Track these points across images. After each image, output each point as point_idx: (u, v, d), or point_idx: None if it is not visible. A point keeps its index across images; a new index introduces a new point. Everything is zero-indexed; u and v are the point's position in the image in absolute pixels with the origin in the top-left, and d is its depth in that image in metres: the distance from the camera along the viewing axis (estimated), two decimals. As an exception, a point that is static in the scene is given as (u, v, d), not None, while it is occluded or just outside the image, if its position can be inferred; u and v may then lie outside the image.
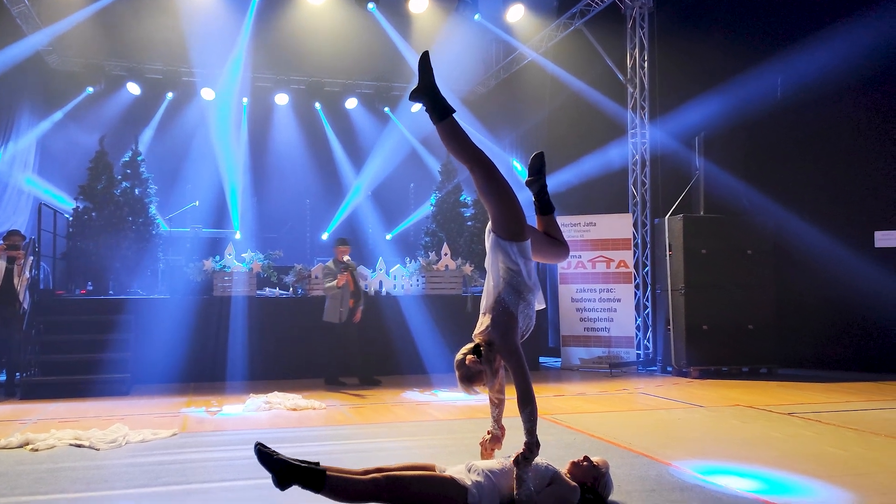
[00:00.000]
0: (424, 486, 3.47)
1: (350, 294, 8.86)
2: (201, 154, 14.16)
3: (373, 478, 3.45)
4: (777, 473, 4.44)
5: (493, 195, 3.78)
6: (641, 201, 11.07)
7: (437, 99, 3.73)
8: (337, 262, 9.00)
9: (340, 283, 8.74)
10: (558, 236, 4.11)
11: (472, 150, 3.78)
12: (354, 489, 3.42)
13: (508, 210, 3.77)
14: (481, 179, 3.78)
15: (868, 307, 9.96)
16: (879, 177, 10.09)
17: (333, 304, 8.78)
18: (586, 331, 10.82)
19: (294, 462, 3.38)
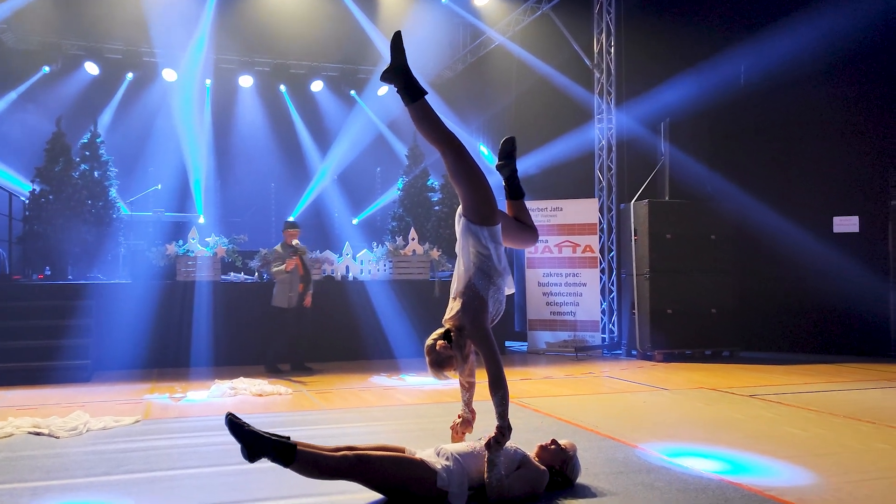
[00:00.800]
0: (394, 467, 3.45)
1: (299, 279, 8.71)
2: (163, 136, 13.88)
3: (343, 455, 3.44)
4: (740, 454, 4.51)
5: (463, 179, 3.75)
6: (607, 186, 11.14)
7: (410, 80, 3.68)
8: (286, 245, 8.82)
9: (289, 268, 8.56)
10: (528, 221, 4.10)
11: (443, 132, 3.74)
12: (325, 465, 3.40)
13: (479, 194, 3.75)
14: (452, 163, 3.74)
15: (827, 291, 10.19)
16: (838, 163, 10.29)
17: (283, 288, 8.63)
18: (552, 315, 10.89)
19: (265, 434, 3.37)
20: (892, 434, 5.09)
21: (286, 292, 8.62)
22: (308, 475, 3.43)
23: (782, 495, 3.64)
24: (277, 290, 8.67)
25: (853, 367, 8.85)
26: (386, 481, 3.45)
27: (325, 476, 3.42)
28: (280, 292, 8.64)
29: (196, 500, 3.70)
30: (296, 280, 8.66)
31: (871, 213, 10.30)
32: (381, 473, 3.43)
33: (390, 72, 3.70)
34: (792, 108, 10.51)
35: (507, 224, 3.93)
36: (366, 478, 3.44)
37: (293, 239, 8.90)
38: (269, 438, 3.37)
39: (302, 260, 8.77)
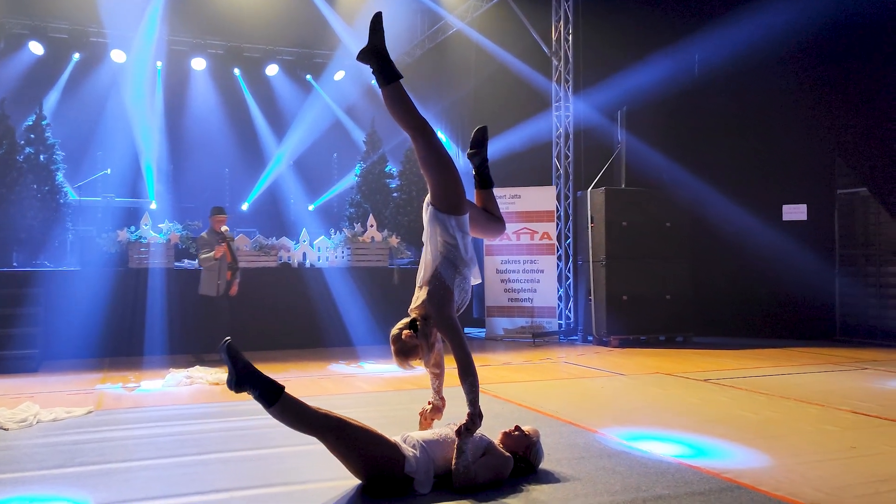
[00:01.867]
0: (370, 442, 3.44)
1: (227, 266, 8.53)
2: (113, 119, 13.48)
3: (326, 414, 3.46)
4: (697, 438, 4.61)
5: (433, 166, 3.72)
6: (564, 174, 11.22)
7: (386, 62, 3.63)
8: (213, 232, 8.61)
9: (218, 255, 8.37)
10: (496, 212, 4.10)
11: (416, 118, 3.71)
12: (305, 416, 3.42)
13: (448, 182, 3.73)
14: (423, 149, 3.71)
15: (776, 278, 10.48)
16: (788, 152, 10.55)
17: (210, 276, 8.45)
18: (510, 301, 10.96)
19: (258, 370, 3.39)
20: (840, 416, 5.25)
21: (214, 280, 8.43)
22: (285, 421, 3.44)
23: (738, 477, 3.73)
24: (205, 277, 8.48)
25: (801, 350, 9.12)
26: (357, 452, 3.42)
27: (302, 427, 3.42)
28: (208, 280, 8.45)
29: (153, 493, 3.63)
30: (224, 267, 8.47)
31: (818, 201, 10.60)
32: (356, 443, 3.41)
33: (366, 52, 3.64)
34: (744, 97, 10.73)
35: (475, 214, 3.93)
36: (340, 443, 3.42)
37: (221, 225, 8.66)
38: (260, 374, 3.40)
39: (230, 247, 8.56)
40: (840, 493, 3.50)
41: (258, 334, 9.29)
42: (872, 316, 10.17)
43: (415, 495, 3.45)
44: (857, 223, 10.46)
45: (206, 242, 8.52)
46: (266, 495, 3.56)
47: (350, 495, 3.53)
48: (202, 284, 8.49)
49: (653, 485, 3.63)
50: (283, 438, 4.68)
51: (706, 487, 3.58)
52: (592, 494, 3.49)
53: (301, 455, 4.27)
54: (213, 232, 8.59)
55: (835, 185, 10.58)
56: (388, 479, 3.43)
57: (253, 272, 9.49)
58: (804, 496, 3.44)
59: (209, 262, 8.39)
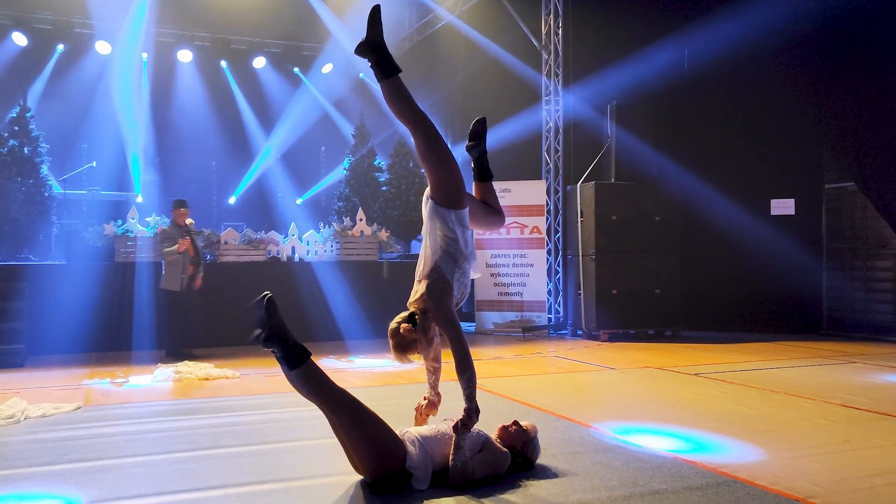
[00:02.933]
0: (378, 429, 3.41)
1: (190, 260, 8.36)
2: (98, 112, 13.32)
3: (343, 390, 3.46)
4: (691, 432, 4.61)
5: (433, 160, 3.70)
6: (554, 168, 11.21)
7: (384, 56, 3.60)
8: (176, 225, 8.40)
9: (182, 249, 8.20)
10: (495, 204, 4.08)
11: (415, 112, 3.69)
12: (323, 387, 3.42)
13: (448, 176, 3.70)
14: (423, 144, 3.69)
15: (764, 272, 10.53)
16: (776, 147, 10.59)
17: (174, 270, 8.25)
18: (500, 296, 10.95)
19: (290, 331, 3.42)
20: (831, 410, 5.28)
21: (178, 274, 8.23)
22: (302, 388, 3.43)
23: (735, 472, 3.74)
24: (169, 272, 8.26)
25: (788, 344, 9.17)
26: (365, 436, 3.37)
27: (318, 397, 3.42)
28: (171, 274, 8.25)
29: (145, 490, 3.58)
30: (186, 262, 8.30)
31: (806, 196, 10.66)
32: (365, 426, 3.37)
33: (365, 46, 3.60)
34: (733, 92, 10.74)
35: (475, 207, 3.90)
36: (350, 422, 3.38)
37: (184, 219, 8.49)
38: (292, 336, 3.42)
39: (193, 240, 8.40)
40: (836, 486, 3.51)
41: (180, 331, 9.19)
42: (859, 310, 10.24)
43: (412, 491, 3.42)
44: (845, 218, 10.53)
45: (168, 236, 8.32)
46: (261, 492, 3.53)
47: (347, 492, 3.51)
48: (164, 279, 8.27)
49: (650, 479, 3.63)
50: (276, 434, 4.65)
51: (703, 482, 3.58)
52: (590, 490, 3.48)
53: (296, 451, 4.24)
54: (176, 225, 8.41)
55: (822, 179, 10.64)
56: (388, 471, 3.39)
57: (241, 266, 9.42)
58: (801, 490, 3.45)
59: (172, 255, 8.19)
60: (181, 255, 8.23)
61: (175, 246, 8.19)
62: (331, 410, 3.42)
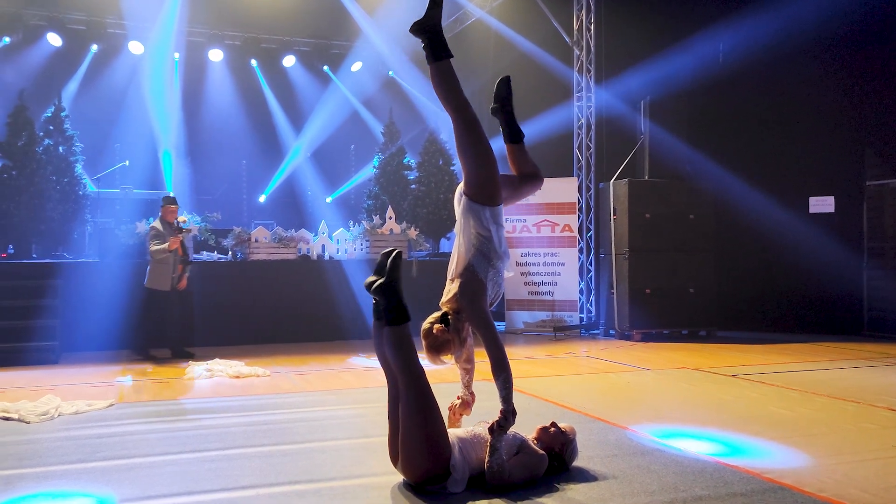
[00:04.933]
0: (437, 421, 3.35)
1: (178, 259, 8.07)
2: (131, 111, 13.44)
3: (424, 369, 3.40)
4: (731, 436, 4.48)
5: (470, 152, 3.62)
6: (586, 165, 11.06)
7: (439, 38, 3.58)
8: (165, 223, 8.11)
9: (173, 247, 7.94)
10: (528, 168, 3.91)
11: (459, 99, 3.63)
12: (412, 356, 3.37)
13: (484, 170, 3.62)
14: (463, 133, 3.61)
15: (802, 271, 10.27)
16: (814, 144, 10.32)
17: (162, 269, 7.96)
18: (530, 295, 10.83)
19: (401, 291, 3.38)
20: (877, 414, 5.10)
21: (168, 273, 7.98)
22: (391, 346, 3.39)
23: (780, 478, 3.60)
24: (156, 270, 7.98)
25: (828, 346, 8.93)
26: (423, 422, 3.30)
27: (400, 361, 3.36)
28: (160, 273, 7.98)
29: (177, 488, 3.55)
30: (176, 261, 8.05)
31: (846, 193, 10.37)
32: (427, 412, 3.32)
33: (421, 26, 3.58)
34: (770, 87, 10.50)
35: (510, 182, 3.81)
36: (415, 403, 3.31)
37: (173, 216, 8.23)
38: (403, 295, 3.38)
39: (182, 240, 8.14)
40: (887, 494, 3.36)
41: (277, 327, 9.25)
42: (902, 310, 9.94)
43: (447, 494, 3.34)
44: (887, 215, 10.23)
45: (157, 234, 8.01)
46: (292, 492, 3.47)
47: (379, 493, 3.44)
48: (151, 277, 8.02)
49: (691, 485, 3.51)
50: (307, 433, 4.61)
51: (747, 488, 3.45)
52: (630, 494, 3.38)
53: (327, 451, 4.19)
54: (165, 223, 8.15)
55: (864, 176, 10.35)
56: (432, 465, 3.31)
57: (272, 264, 9.43)
58: (851, 498, 3.31)
59: (162, 254, 7.93)
60: (171, 253, 7.97)
61: (165, 244, 7.93)
62: (404, 383, 3.34)
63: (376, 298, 3.42)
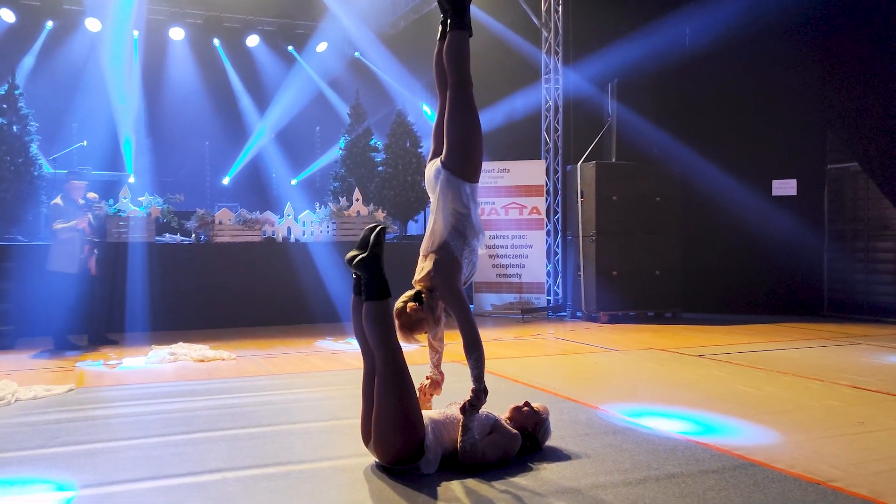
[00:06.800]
0: (412, 399, 3.30)
1: (85, 239, 7.55)
2: (89, 90, 13.05)
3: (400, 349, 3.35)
4: (701, 414, 4.50)
5: (463, 123, 3.58)
6: (554, 147, 11.04)
7: (466, 8, 3.62)
8: (69, 199, 7.58)
9: (82, 225, 7.47)
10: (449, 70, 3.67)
11: (466, 71, 3.64)
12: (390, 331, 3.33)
13: (472, 144, 3.58)
14: (459, 103, 3.58)
15: (765, 253, 10.42)
16: (777, 126, 10.44)
17: (67, 250, 7.38)
18: (498, 277, 10.81)
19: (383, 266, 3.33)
20: (841, 391, 5.18)
21: (75, 254, 7.43)
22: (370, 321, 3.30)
23: (751, 455, 3.62)
24: (61, 251, 7.40)
25: (790, 326, 9.09)
26: (399, 399, 3.25)
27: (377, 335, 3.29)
28: (65, 254, 7.39)
29: (141, 473, 3.45)
30: (84, 241, 7.55)
31: (808, 176, 10.54)
32: (402, 390, 3.26)
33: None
34: (735, 71, 10.57)
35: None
36: (392, 379, 3.25)
37: (80, 193, 7.77)
38: (382, 271, 3.33)
39: (90, 218, 7.67)
40: (857, 469, 3.40)
41: (242, 310, 9.09)
42: (860, 291, 10.16)
43: (419, 475, 3.29)
44: (847, 198, 10.42)
45: (61, 211, 7.45)
46: (260, 476, 3.39)
47: (348, 475, 3.38)
48: (54, 259, 7.45)
49: (663, 462, 3.51)
50: (275, 416, 4.52)
51: (719, 465, 3.46)
52: (602, 473, 3.36)
53: (295, 433, 4.11)
54: (70, 200, 7.65)
55: (825, 160, 10.52)
56: (407, 443, 3.26)
57: (236, 247, 9.26)
58: (821, 473, 3.33)
59: (67, 233, 7.39)
60: (77, 233, 7.45)
61: (72, 222, 7.41)
62: (381, 359, 3.28)
63: (357, 273, 3.34)
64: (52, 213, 7.61)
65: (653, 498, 3.03)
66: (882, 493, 3.05)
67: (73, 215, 7.49)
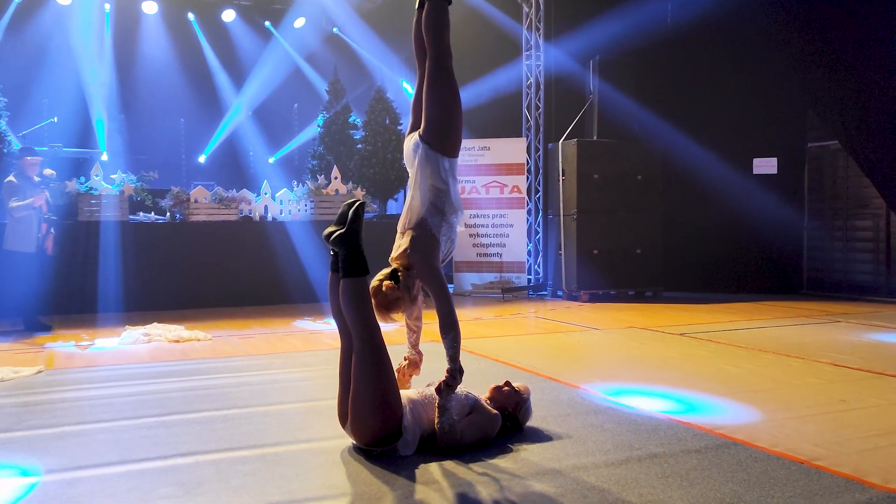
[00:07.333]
0: (390, 379, 3.21)
1: (42, 217, 7.30)
2: (59, 65, 12.69)
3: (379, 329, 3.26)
4: (683, 393, 4.46)
5: (442, 94, 3.47)
6: (535, 125, 10.94)
7: None
8: (24, 176, 7.29)
9: (38, 203, 7.17)
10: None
11: (446, 42, 3.54)
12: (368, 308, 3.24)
13: (452, 117, 3.48)
14: (435, 71, 3.48)
15: (745, 232, 10.41)
16: (758, 105, 10.39)
17: (24, 228, 7.13)
18: (479, 256, 10.73)
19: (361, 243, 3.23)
20: (821, 369, 5.17)
21: (32, 233, 7.15)
22: (348, 298, 3.19)
23: (733, 433, 3.58)
24: (16, 230, 7.14)
25: (770, 304, 9.11)
26: (377, 379, 3.16)
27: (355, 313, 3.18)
28: (21, 233, 7.13)
29: (111, 458, 3.34)
30: (41, 219, 7.30)
31: (788, 154, 10.52)
32: (381, 369, 3.17)
33: None
34: (717, 48, 10.49)
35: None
36: (370, 358, 3.16)
37: (35, 169, 7.41)
38: (361, 247, 3.23)
39: (46, 196, 7.41)
40: (839, 448, 3.37)
41: (218, 290, 8.95)
42: (838, 269, 10.22)
43: (397, 457, 3.22)
44: (826, 177, 10.44)
45: (16, 189, 7.16)
46: (235, 459, 3.30)
47: (325, 458, 3.29)
48: (11, 238, 7.19)
49: (645, 442, 3.46)
50: (251, 398, 4.42)
51: (702, 445, 3.42)
52: (584, 454, 3.30)
53: (271, 415, 4.02)
54: (25, 177, 7.35)
55: (805, 138, 10.51)
56: (384, 423, 3.18)
57: (212, 226, 9.09)
58: (804, 452, 3.30)
59: (23, 210, 7.13)
60: (34, 211, 7.20)
61: (29, 200, 7.14)
62: (359, 338, 3.18)
63: (335, 249, 3.23)
64: (6, 191, 7.28)
65: (635, 479, 2.97)
66: (866, 472, 3.02)
67: (29, 193, 7.23)
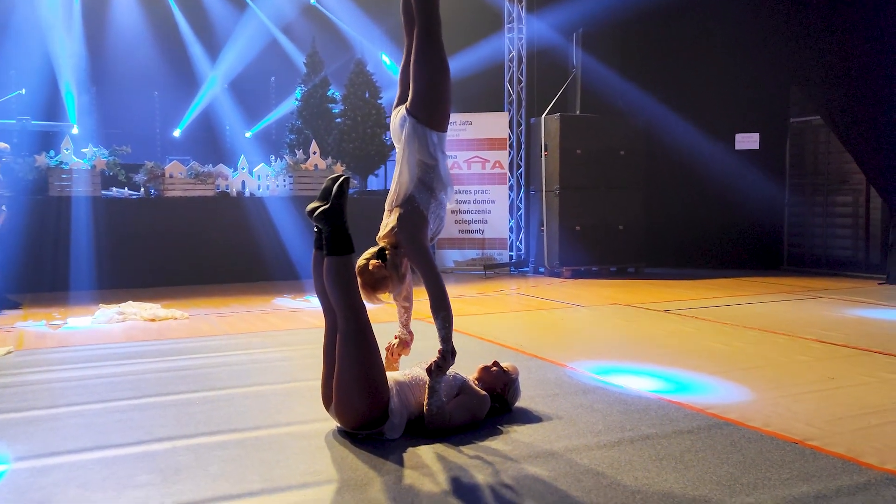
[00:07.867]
0: (376, 361, 3.09)
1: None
2: (26, 35, 12.28)
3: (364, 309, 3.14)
4: (671, 371, 4.40)
5: (430, 66, 3.33)
6: (517, 99, 10.78)
7: None
8: None
9: None
10: None
11: (435, 11, 3.39)
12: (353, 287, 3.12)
13: (440, 89, 3.34)
14: (427, 45, 3.33)
15: (727, 207, 10.39)
16: (741, 79, 10.30)
17: None
18: (461, 233, 10.62)
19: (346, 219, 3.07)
20: (808, 346, 5.14)
21: None
22: (332, 277, 3.06)
23: (725, 413, 3.52)
24: None
25: (751, 280, 9.11)
26: (363, 360, 3.04)
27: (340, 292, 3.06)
28: None
29: (83, 443, 3.20)
30: None
31: (771, 130, 10.47)
32: (366, 349, 3.05)
33: None
34: (701, 21, 10.38)
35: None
36: (355, 338, 3.05)
37: None
38: (346, 224, 3.06)
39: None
40: (833, 427, 3.32)
41: (195, 268, 8.76)
42: (818, 245, 10.25)
43: (383, 441, 3.11)
44: (808, 152, 10.43)
45: None
46: (213, 444, 3.17)
47: (310, 442, 3.18)
48: None
49: (637, 423, 3.39)
50: (230, 379, 4.29)
51: (694, 425, 3.35)
52: (575, 435, 3.22)
53: (251, 397, 3.89)
54: None
55: (787, 113, 10.47)
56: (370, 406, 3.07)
57: (188, 202, 8.87)
58: (797, 432, 3.24)
59: None
60: None
61: None
62: (343, 317, 3.06)
63: (318, 226, 3.09)
64: None
65: (629, 461, 2.90)
66: (861, 453, 2.97)
67: None
